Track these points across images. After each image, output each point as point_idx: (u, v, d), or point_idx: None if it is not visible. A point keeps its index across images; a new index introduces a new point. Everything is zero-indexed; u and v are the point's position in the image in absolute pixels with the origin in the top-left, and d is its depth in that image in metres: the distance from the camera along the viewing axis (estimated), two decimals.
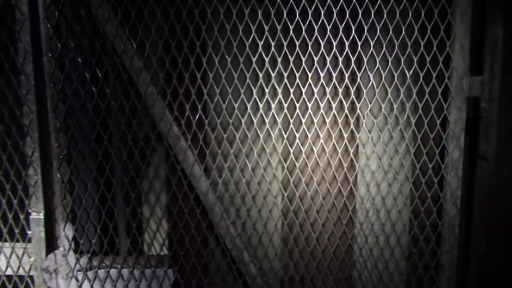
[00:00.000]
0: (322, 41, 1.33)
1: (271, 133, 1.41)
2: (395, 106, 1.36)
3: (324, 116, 1.40)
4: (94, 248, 1.47)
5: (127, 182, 1.43)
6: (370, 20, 1.31)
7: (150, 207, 1.54)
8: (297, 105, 1.39)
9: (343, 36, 1.33)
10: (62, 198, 1.43)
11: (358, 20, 1.31)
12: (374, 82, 1.35)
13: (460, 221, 1.40)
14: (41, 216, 1.43)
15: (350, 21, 1.32)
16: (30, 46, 1.36)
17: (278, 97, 1.38)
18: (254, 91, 1.36)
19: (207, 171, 1.45)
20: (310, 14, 1.31)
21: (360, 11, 1.31)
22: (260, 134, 1.41)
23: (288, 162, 1.45)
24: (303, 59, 1.34)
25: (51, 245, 1.48)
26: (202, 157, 1.43)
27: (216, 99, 1.37)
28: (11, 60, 1.38)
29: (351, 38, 1.33)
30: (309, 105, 1.38)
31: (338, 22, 1.32)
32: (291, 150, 1.42)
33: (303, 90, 1.37)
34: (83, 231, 1.46)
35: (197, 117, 1.38)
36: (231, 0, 1.31)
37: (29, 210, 1.44)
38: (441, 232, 1.41)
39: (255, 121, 1.39)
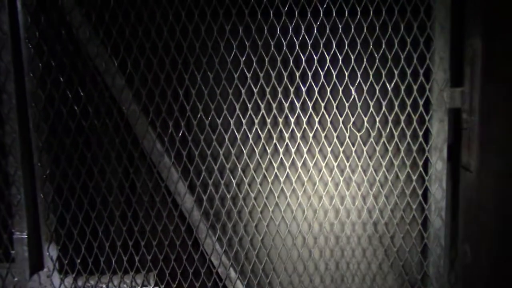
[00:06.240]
0: (304, 56, 1.34)
1: (255, 148, 1.41)
2: (377, 119, 1.36)
3: (307, 129, 1.41)
4: (78, 267, 1.45)
5: (111, 200, 1.42)
6: (351, 35, 1.32)
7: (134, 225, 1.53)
8: (280, 120, 1.39)
9: (323, 51, 1.34)
10: (46, 217, 1.41)
11: (339, 34, 1.32)
12: (356, 96, 1.35)
13: (445, 232, 1.41)
14: (25, 235, 1.42)
15: (330, 35, 1.32)
16: (12, 65, 1.36)
17: (261, 112, 1.38)
18: (237, 106, 1.36)
19: (191, 187, 1.45)
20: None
21: (340, 25, 1.32)
22: (244, 150, 1.41)
23: (273, 177, 1.45)
24: (285, 74, 1.35)
25: (35, 265, 1.46)
26: (186, 174, 1.42)
27: (199, 115, 1.37)
28: None
29: (331, 52, 1.33)
30: (292, 120, 1.38)
31: (318, 37, 1.33)
32: (275, 165, 1.42)
33: (286, 105, 1.38)
34: (68, 251, 1.44)
35: (180, 134, 1.37)
36: (212, 18, 1.32)
37: (13, 230, 1.42)
38: (427, 243, 1.41)
39: (238, 137, 1.39)
